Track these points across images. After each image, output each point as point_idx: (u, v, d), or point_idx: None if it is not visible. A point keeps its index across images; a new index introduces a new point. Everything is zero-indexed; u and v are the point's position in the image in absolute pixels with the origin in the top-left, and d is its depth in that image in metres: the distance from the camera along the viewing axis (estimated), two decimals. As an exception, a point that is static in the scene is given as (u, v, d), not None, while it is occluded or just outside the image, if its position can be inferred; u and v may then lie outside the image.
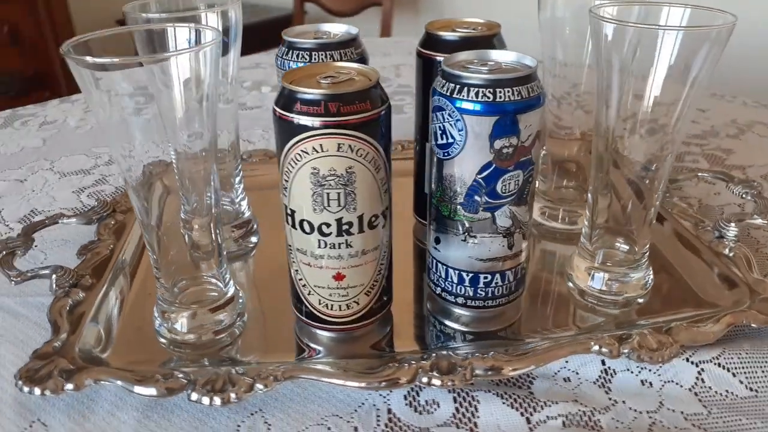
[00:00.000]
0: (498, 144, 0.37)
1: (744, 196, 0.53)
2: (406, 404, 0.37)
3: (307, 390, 0.37)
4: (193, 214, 0.42)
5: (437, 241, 0.42)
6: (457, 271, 0.42)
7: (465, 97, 0.36)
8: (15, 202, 0.60)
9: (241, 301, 0.44)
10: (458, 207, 0.39)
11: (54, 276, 0.44)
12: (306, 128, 0.35)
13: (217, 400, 0.35)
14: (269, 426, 0.35)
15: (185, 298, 0.42)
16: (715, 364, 0.39)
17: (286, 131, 0.36)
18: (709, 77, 0.38)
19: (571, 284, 0.46)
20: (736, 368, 0.38)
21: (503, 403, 0.36)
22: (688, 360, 0.39)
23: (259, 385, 0.36)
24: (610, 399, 0.37)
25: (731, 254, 0.47)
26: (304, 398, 0.37)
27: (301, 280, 0.40)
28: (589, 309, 0.45)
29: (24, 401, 0.37)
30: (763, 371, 0.38)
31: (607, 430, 0.35)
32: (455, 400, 0.37)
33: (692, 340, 0.39)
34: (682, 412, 0.36)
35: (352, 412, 0.36)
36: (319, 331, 0.41)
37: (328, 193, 0.36)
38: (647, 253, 0.45)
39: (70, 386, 0.36)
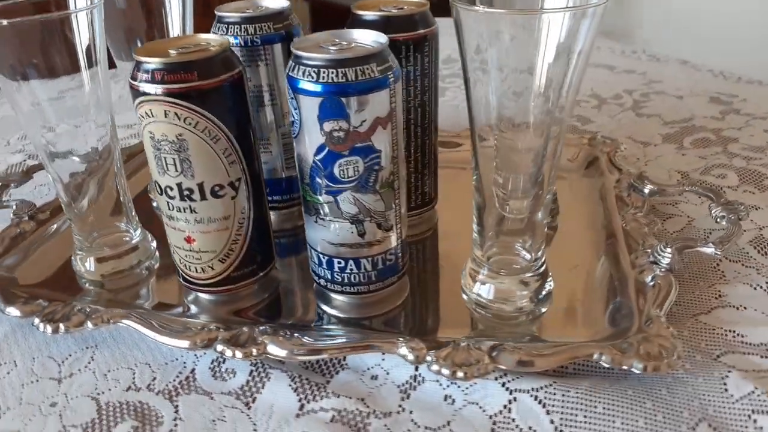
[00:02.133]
0: (327, 126, 0.36)
1: (719, 220, 0.45)
2: (209, 368, 0.38)
3: (144, 337, 0.40)
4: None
5: (304, 220, 0.42)
6: (315, 252, 0.42)
7: (295, 76, 0.36)
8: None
9: (151, 247, 0.49)
10: (307, 188, 0.39)
11: (14, 207, 0.52)
12: (141, 93, 0.37)
13: (49, 329, 0.39)
14: (92, 360, 0.39)
15: (99, 242, 0.48)
16: (532, 396, 0.34)
17: (132, 96, 0.38)
18: (588, 57, 0.35)
19: (463, 292, 0.43)
20: (554, 405, 0.33)
21: (289, 385, 0.36)
22: (504, 385, 0.35)
23: (89, 324, 0.40)
24: (400, 406, 0.35)
25: (651, 283, 0.40)
26: (136, 344, 0.40)
27: (168, 238, 0.43)
28: (473, 316, 0.42)
29: None
30: (585, 416, 0.33)
31: (371, 435, 0.33)
32: (251, 374, 0.37)
33: (517, 365, 0.35)
34: (462, 437, 0.33)
35: (162, 364, 0.39)
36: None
37: (165, 158, 0.38)
38: (541, 260, 0.41)
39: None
